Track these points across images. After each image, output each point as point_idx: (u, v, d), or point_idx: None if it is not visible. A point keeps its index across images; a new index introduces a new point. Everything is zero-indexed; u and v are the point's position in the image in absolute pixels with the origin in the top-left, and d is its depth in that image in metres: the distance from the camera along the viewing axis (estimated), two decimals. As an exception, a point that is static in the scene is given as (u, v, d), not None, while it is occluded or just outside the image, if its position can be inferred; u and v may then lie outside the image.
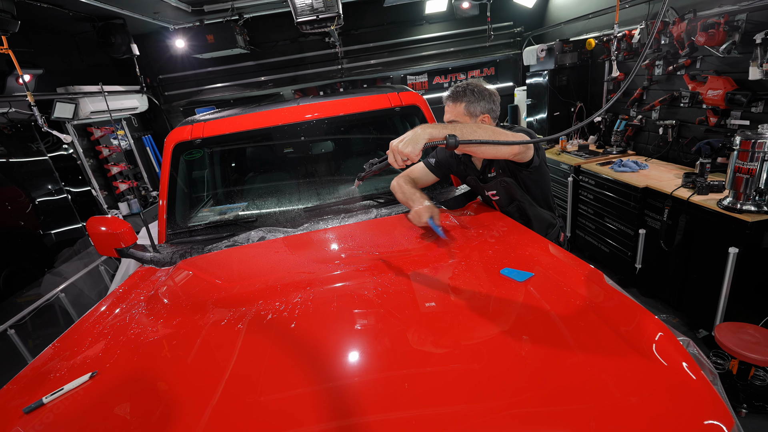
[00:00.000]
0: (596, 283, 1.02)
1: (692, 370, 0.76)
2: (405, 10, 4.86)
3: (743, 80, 2.48)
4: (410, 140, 1.17)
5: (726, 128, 2.69)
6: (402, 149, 1.17)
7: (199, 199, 2.25)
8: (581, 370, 0.77)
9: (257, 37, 4.82)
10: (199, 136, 2.04)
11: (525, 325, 0.92)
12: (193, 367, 0.95)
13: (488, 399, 0.74)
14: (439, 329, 0.96)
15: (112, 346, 1.12)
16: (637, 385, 0.74)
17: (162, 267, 1.73)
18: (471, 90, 1.54)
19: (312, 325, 1.03)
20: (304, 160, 2.20)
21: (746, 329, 2.07)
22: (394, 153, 1.19)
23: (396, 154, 1.19)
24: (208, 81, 5.11)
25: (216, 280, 1.43)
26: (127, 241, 1.81)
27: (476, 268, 1.19)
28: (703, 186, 2.43)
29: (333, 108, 2.08)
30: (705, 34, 2.55)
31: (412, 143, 1.16)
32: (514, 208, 1.62)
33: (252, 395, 0.82)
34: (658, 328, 0.85)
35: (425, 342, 0.92)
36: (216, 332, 1.07)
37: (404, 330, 0.96)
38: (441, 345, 0.90)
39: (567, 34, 4.32)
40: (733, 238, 2.16)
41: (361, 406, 0.75)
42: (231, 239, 1.75)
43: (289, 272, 1.35)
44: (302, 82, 5.10)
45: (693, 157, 2.96)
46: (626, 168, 3.09)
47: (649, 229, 2.81)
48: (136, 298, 1.45)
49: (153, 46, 4.74)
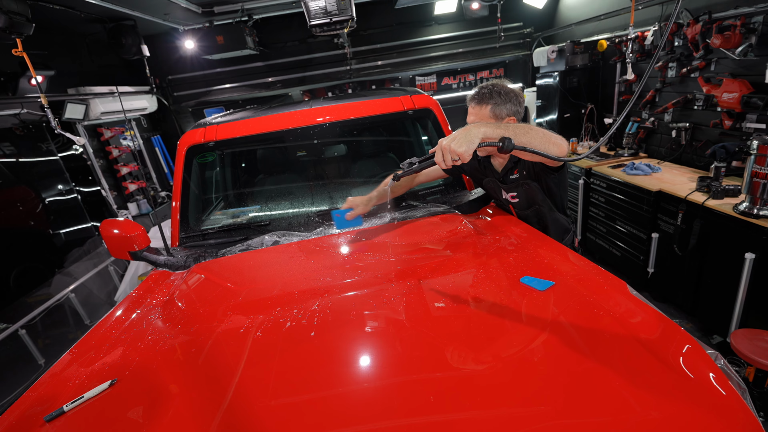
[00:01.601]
0: (620, 293, 1.00)
1: (722, 385, 0.75)
2: (414, 11, 4.84)
3: (759, 83, 2.44)
4: (464, 139, 1.09)
5: (741, 131, 2.65)
6: (455, 148, 1.08)
7: (212, 203, 2.26)
8: (607, 384, 0.76)
9: (266, 38, 4.82)
10: (212, 139, 2.04)
11: (549, 336, 0.91)
12: (214, 377, 0.95)
13: (514, 409, 0.73)
14: (460, 340, 0.95)
15: (131, 353, 1.12)
16: (666, 400, 0.72)
17: (176, 270, 1.73)
18: (497, 92, 1.49)
19: (332, 334, 1.02)
20: (317, 163, 2.19)
21: (763, 336, 2.04)
22: (444, 151, 1.11)
23: (446, 153, 1.11)
24: (216, 82, 5.13)
25: (232, 286, 1.42)
26: (140, 244, 1.82)
27: (496, 276, 1.18)
28: (718, 190, 2.40)
29: (346, 111, 2.07)
30: (721, 36, 2.51)
31: (467, 142, 1.09)
32: (532, 212, 1.60)
33: (273, 404, 0.81)
34: (686, 340, 0.84)
35: (451, 353, 0.91)
36: (235, 340, 1.07)
37: (427, 339, 0.95)
38: (464, 357, 0.89)
39: (577, 36, 4.29)
40: (750, 244, 2.13)
41: (391, 415, 0.74)
42: (245, 243, 1.75)
43: (306, 278, 1.35)
44: (311, 83, 5.10)
45: (706, 161, 2.92)
46: (639, 171, 3.06)
47: (662, 233, 2.78)
48: (152, 302, 1.45)
49: (163, 47, 4.76)
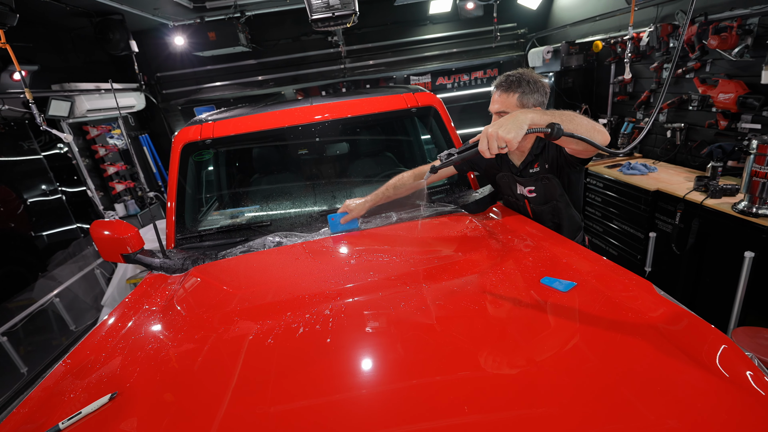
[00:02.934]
0: (647, 293, 0.98)
1: (760, 383, 0.72)
2: (409, 10, 4.81)
3: (755, 84, 2.48)
4: (513, 125, 1.04)
5: (737, 132, 2.69)
6: (503, 135, 1.03)
7: (209, 202, 2.18)
8: (644, 386, 0.74)
9: (258, 36, 4.73)
10: (209, 136, 1.96)
11: (579, 339, 0.88)
12: (225, 388, 0.89)
13: (552, 410, 0.70)
14: (487, 343, 0.91)
15: (131, 363, 1.05)
16: (704, 400, 0.70)
17: (173, 274, 1.65)
18: (526, 80, 1.44)
19: (350, 339, 0.97)
20: (318, 161, 2.14)
21: (764, 334, 2.06)
22: (490, 138, 1.06)
23: (493, 140, 1.05)
24: (207, 79, 5.01)
25: (235, 289, 1.36)
26: (134, 246, 1.73)
27: (514, 277, 1.15)
28: (716, 190, 2.42)
29: (348, 108, 2.02)
30: (717, 37, 2.54)
31: (516, 128, 1.03)
32: (549, 208, 1.57)
33: (298, 420, 0.76)
34: (721, 340, 0.81)
35: (484, 358, 0.87)
36: (245, 349, 1.01)
37: (453, 342, 0.91)
38: (497, 361, 0.85)
39: (571, 37, 4.31)
40: (749, 243, 2.15)
41: (430, 416, 0.70)
42: (246, 245, 1.68)
43: (315, 281, 1.29)
44: (304, 82, 5.03)
45: (702, 161, 2.96)
46: (635, 171, 3.08)
47: (660, 233, 2.80)
48: (150, 308, 1.37)
49: (152, 43, 4.62)
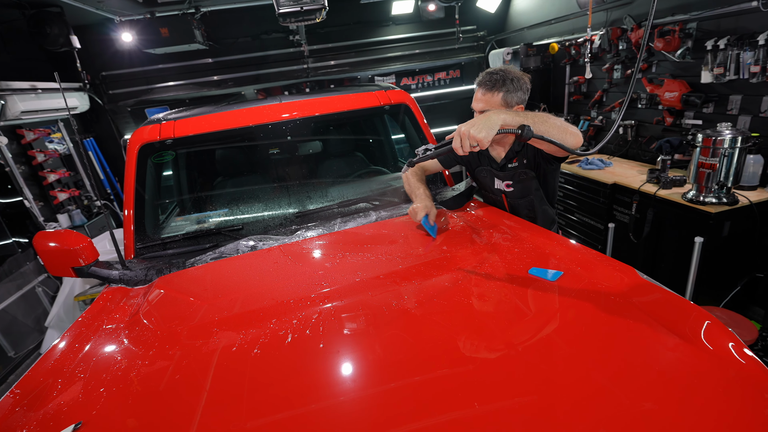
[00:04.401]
0: (630, 278, 1.01)
1: (741, 354, 0.77)
2: (372, 11, 4.80)
3: (696, 83, 2.70)
4: (484, 125, 1.09)
5: (681, 127, 2.91)
6: (475, 134, 1.08)
7: (172, 208, 2.03)
8: (636, 363, 0.77)
9: (215, 33, 4.52)
10: (170, 136, 1.83)
11: (572, 325, 0.89)
12: (212, 405, 0.81)
13: (559, 392, 0.71)
14: (485, 335, 0.90)
15: (94, 388, 0.94)
16: (692, 373, 0.74)
17: (135, 286, 1.51)
18: (510, 79, 1.43)
19: (345, 343, 0.93)
20: (291, 161, 2.05)
21: (715, 312, 2.24)
22: (462, 138, 1.10)
23: (465, 139, 1.10)
24: (159, 79, 4.71)
25: (209, 299, 1.26)
26: (87, 258, 1.57)
27: (502, 269, 1.15)
28: (666, 181, 2.60)
29: (320, 106, 1.96)
30: (662, 40, 2.74)
31: (487, 128, 1.08)
32: (525, 202, 1.60)
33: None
34: (703, 316, 0.86)
35: (478, 347, 0.85)
36: (230, 362, 0.93)
37: (449, 336, 0.89)
38: (492, 349, 0.84)
39: (528, 39, 4.50)
40: (698, 229, 2.33)
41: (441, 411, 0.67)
42: (216, 251, 1.57)
43: (299, 284, 1.22)
44: (265, 82, 4.86)
45: (651, 155, 3.18)
46: (593, 166, 3.26)
47: (618, 223, 2.97)
48: (111, 325, 1.24)
49: (95, 39, 4.27)
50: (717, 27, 2.54)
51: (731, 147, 2.15)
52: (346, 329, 0.96)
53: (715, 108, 2.66)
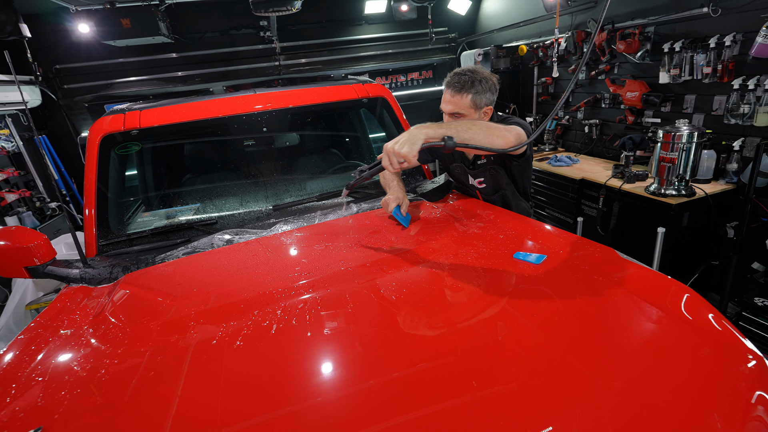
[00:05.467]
0: (611, 258, 1.04)
1: (719, 323, 0.80)
2: (345, 9, 4.78)
3: (655, 83, 2.86)
4: (407, 141, 1.11)
5: (642, 126, 3.08)
6: (398, 150, 1.11)
7: (139, 202, 1.91)
8: (621, 333, 0.81)
9: (182, 27, 4.34)
10: (135, 126, 1.72)
11: (560, 304, 0.90)
12: (190, 404, 0.76)
13: (545, 366, 0.71)
14: (478, 317, 0.90)
15: (56, 391, 0.86)
16: (674, 341, 0.77)
17: (98, 285, 1.40)
18: (479, 80, 1.44)
19: (334, 331, 0.89)
20: (266, 154, 1.99)
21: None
22: (389, 155, 1.14)
23: (392, 156, 1.13)
24: (120, 73, 4.46)
25: (183, 294, 1.19)
26: (43, 257, 1.45)
27: (487, 255, 1.16)
28: (630, 176, 2.74)
29: (297, 98, 1.92)
30: (624, 42, 2.89)
31: (409, 144, 1.11)
32: (498, 197, 1.63)
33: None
34: (683, 290, 0.89)
35: (475, 329, 0.85)
36: (208, 355, 0.87)
37: (442, 321, 0.88)
38: (486, 334, 0.84)
39: (498, 41, 4.62)
40: (660, 220, 2.46)
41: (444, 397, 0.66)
42: (189, 246, 1.49)
43: (282, 275, 1.18)
44: (234, 78, 4.72)
45: (615, 152, 3.34)
46: (562, 162, 3.38)
47: (586, 217, 3.10)
48: (72, 326, 1.14)
49: (49, 29, 3.99)
50: (673, 31, 2.71)
51: (689, 142, 2.29)
52: (332, 317, 0.93)
53: (672, 107, 2.83)
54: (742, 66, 2.32)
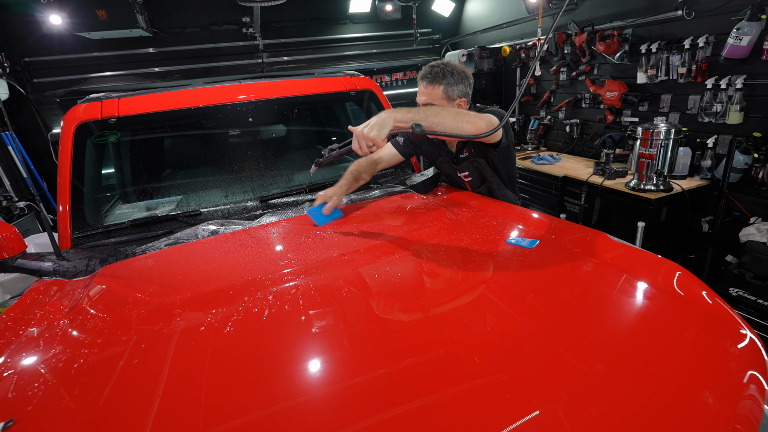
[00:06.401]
0: (604, 240, 1.06)
1: (711, 298, 0.82)
2: (329, 7, 4.76)
3: (633, 84, 2.96)
4: (376, 125, 1.13)
5: (620, 125, 3.18)
6: (367, 134, 1.13)
7: (118, 193, 1.83)
8: (616, 309, 0.82)
9: (161, 21, 4.22)
10: (113, 114, 1.65)
11: (557, 285, 0.91)
12: (173, 392, 0.71)
13: (548, 349, 0.71)
14: (479, 305, 0.89)
15: (28, 383, 0.80)
16: (668, 316, 0.78)
17: (73, 278, 1.33)
18: (450, 72, 1.46)
19: (331, 315, 0.87)
20: (252, 145, 1.94)
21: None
22: (359, 138, 1.15)
23: (361, 140, 1.14)
24: (95, 68, 4.29)
25: (168, 281, 1.14)
26: (12, 250, 1.37)
27: (481, 241, 1.15)
28: (611, 173, 2.81)
29: (283, 88, 1.88)
30: (603, 43, 2.98)
31: (378, 128, 1.13)
32: (484, 189, 1.64)
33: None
34: (675, 268, 0.91)
35: (476, 313, 0.84)
36: (194, 342, 0.83)
37: (441, 305, 0.87)
38: (487, 321, 0.83)
39: (481, 42, 4.69)
40: (640, 214, 2.54)
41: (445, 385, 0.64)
42: (172, 237, 1.43)
43: (273, 263, 1.14)
44: (216, 75, 4.62)
45: (595, 151, 3.43)
46: (544, 161, 3.45)
47: (569, 213, 3.16)
48: (45, 318, 1.07)
49: (16, 20, 3.81)
50: (649, 33, 2.81)
51: (666, 138, 2.37)
52: (328, 302, 0.90)
53: (650, 106, 2.93)
54: (714, 66, 2.43)
